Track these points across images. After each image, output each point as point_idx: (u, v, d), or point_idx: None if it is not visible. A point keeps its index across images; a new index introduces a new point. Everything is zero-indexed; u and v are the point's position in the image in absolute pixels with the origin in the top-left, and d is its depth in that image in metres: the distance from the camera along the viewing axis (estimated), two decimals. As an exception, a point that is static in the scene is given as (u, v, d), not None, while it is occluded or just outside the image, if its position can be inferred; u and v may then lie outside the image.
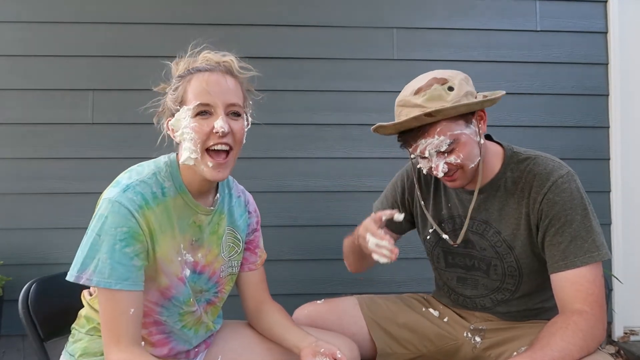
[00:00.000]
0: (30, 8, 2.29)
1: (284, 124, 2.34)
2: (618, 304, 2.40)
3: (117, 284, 0.92)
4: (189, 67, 1.03)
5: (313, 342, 1.07)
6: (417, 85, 1.12)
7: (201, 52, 1.06)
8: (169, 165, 1.05)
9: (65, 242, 2.22)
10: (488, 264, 1.24)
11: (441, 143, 1.09)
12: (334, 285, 2.33)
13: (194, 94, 0.99)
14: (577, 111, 2.46)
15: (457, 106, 1.06)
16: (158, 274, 1.00)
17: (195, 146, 0.98)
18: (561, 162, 1.16)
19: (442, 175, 1.13)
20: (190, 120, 0.98)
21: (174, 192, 1.03)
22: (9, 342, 2.21)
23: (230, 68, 1.05)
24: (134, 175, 1.00)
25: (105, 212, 0.94)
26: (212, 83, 0.99)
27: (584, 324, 1.00)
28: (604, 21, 2.49)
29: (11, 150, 2.25)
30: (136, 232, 0.94)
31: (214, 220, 1.12)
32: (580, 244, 1.06)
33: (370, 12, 2.41)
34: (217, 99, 0.99)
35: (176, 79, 1.04)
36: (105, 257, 0.92)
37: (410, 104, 1.11)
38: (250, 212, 1.24)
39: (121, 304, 0.93)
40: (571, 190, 1.09)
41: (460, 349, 1.31)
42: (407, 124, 1.10)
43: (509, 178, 1.18)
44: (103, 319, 0.94)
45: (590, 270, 1.05)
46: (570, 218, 1.08)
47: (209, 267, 1.11)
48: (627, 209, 2.46)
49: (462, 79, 1.12)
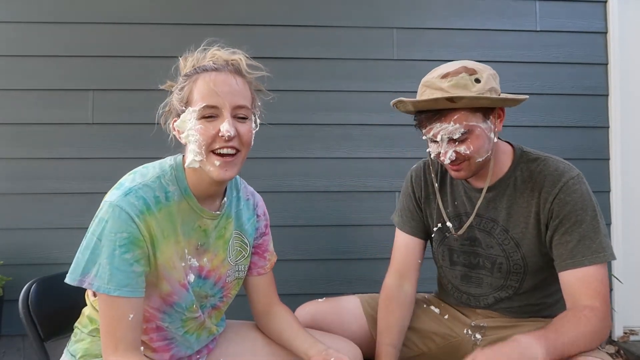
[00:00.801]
0: (30, 8, 2.29)
1: (284, 124, 2.34)
2: (618, 304, 2.40)
3: (115, 290, 0.90)
4: (196, 65, 1.00)
5: (323, 350, 1.05)
6: (446, 70, 1.12)
7: (211, 48, 1.03)
8: (175, 169, 1.02)
9: (65, 242, 2.21)
10: (493, 262, 1.25)
11: (455, 130, 1.10)
12: (334, 285, 2.33)
13: (200, 94, 0.95)
14: (577, 111, 2.46)
15: (478, 97, 1.07)
16: (160, 280, 0.99)
17: (199, 149, 0.95)
18: (571, 164, 1.17)
19: (449, 162, 1.14)
20: (195, 122, 0.95)
21: (178, 196, 1.00)
22: (9, 342, 2.21)
23: (239, 67, 1.01)
24: (137, 178, 0.98)
25: (106, 216, 0.92)
26: (219, 83, 0.96)
27: (595, 319, 1.02)
28: (603, 21, 2.49)
29: (11, 150, 2.25)
30: (136, 238, 0.92)
31: (220, 224, 1.08)
32: (588, 244, 1.08)
33: (370, 12, 2.41)
34: (224, 100, 0.95)
35: (182, 78, 1.00)
36: (105, 263, 0.90)
37: (435, 86, 1.11)
38: (259, 215, 1.20)
39: (120, 310, 0.91)
40: (582, 192, 1.12)
41: (460, 346, 1.31)
42: (427, 104, 1.10)
43: (518, 177, 1.20)
44: (102, 323, 0.94)
45: (598, 270, 1.07)
46: (581, 218, 1.10)
47: (214, 272, 1.09)
48: (627, 209, 2.46)
49: (491, 74, 1.14)
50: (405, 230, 1.38)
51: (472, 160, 1.13)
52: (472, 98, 1.06)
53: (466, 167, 1.15)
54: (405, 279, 1.34)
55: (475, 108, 1.10)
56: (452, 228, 1.27)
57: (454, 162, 1.15)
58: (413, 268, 1.36)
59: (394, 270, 1.37)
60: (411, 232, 1.37)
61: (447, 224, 1.27)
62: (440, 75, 1.12)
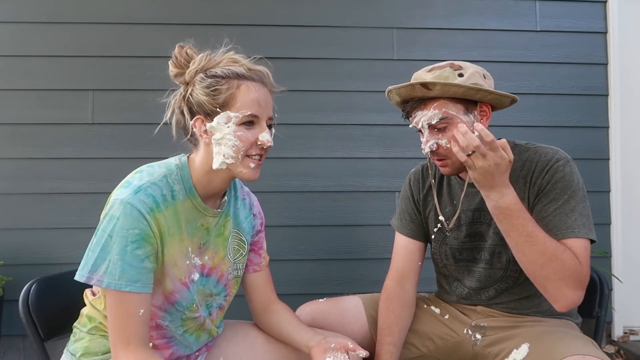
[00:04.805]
0: (30, 8, 2.29)
1: (284, 124, 2.33)
2: (618, 303, 2.40)
3: (127, 285, 0.91)
4: (233, 69, 1.02)
5: (322, 340, 1.07)
6: (435, 65, 1.19)
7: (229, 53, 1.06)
8: (180, 168, 1.04)
9: (65, 242, 2.22)
10: (492, 252, 1.25)
11: (434, 116, 1.15)
12: (333, 285, 2.33)
13: (245, 102, 0.99)
14: (576, 111, 2.46)
15: (449, 83, 1.11)
16: (164, 278, 1.00)
17: (236, 153, 0.99)
18: (562, 151, 1.19)
19: (429, 151, 1.18)
20: (235, 128, 0.99)
21: (183, 195, 1.02)
22: (9, 342, 2.21)
23: (271, 83, 1.08)
24: (145, 177, 0.99)
25: (117, 213, 0.93)
26: (262, 95, 1.02)
27: (575, 262, 1.04)
28: (603, 21, 2.50)
29: (11, 150, 2.25)
30: (147, 235, 0.94)
31: (220, 222, 1.12)
32: (564, 219, 1.10)
33: (370, 12, 2.42)
34: (264, 112, 1.02)
35: (214, 78, 1.01)
36: (116, 259, 0.91)
37: (419, 77, 1.18)
38: (255, 215, 1.24)
39: (131, 306, 0.92)
40: (565, 173, 1.13)
41: (460, 346, 1.31)
42: (405, 90, 1.17)
43: (510, 169, 1.20)
44: (112, 320, 0.94)
45: (574, 243, 1.08)
46: (557, 196, 1.12)
47: (216, 269, 1.11)
48: (626, 209, 2.47)
49: (478, 71, 1.17)
50: (404, 233, 1.39)
51: (454, 155, 1.12)
52: (445, 84, 1.10)
53: (450, 163, 1.19)
54: (405, 281, 1.35)
55: (456, 99, 1.14)
56: (446, 222, 1.29)
57: (437, 156, 1.19)
58: (413, 271, 1.36)
59: (394, 273, 1.37)
60: (411, 234, 1.38)
61: (440, 218, 1.29)
62: (427, 69, 1.19)
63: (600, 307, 1.30)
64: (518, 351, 1.11)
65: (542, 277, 1.06)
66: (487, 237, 1.26)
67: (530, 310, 1.26)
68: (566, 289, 1.05)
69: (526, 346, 1.11)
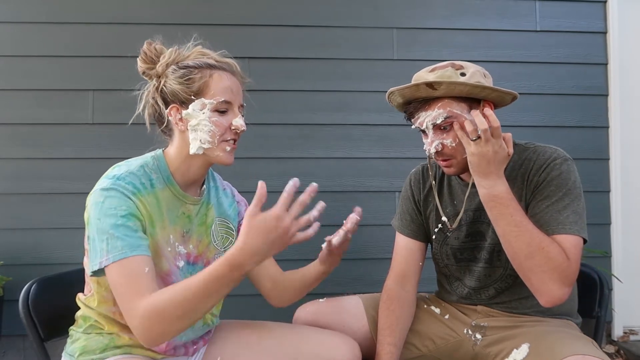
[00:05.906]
0: (30, 8, 2.29)
1: (284, 124, 2.35)
2: (618, 303, 2.40)
3: (132, 251, 0.93)
4: (203, 60, 1.07)
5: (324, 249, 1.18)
6: (436, 65, 1.18)
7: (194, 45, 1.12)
8: (156, 159, 1.08)
9: (65, 242, 2.21)
10: (491, 251, 1.25)
11: (438, 115, 1.15)
12: (333, 285, 2.32)
13: (219, 89, 1.04)
14: (576, 111, 2.46)
15: (455, 82, 1.10)
16: (159, 258, 1.02)
17: (212, 138, 1.03)
18: (561, 150, 1.19)
19: (434, 152, 1.18)
20: (210, 114, 1.03)
21: (161, 183, 1.06)
22: (9, 342, 2.21)
23: (240, 73, 1.13)
24: (123, 168, 1.03)
25: (101, 198, 0.96)
26: (234, 83, 1.08)
27: (562, 257, 1.04)
28: (603, 21, 2.50)
29: (11, 150, 2.25)
30: (135, 211, 0.97)
31: (201, 211, 1.15)
32: (555, 216, 1.10)
33: (370, 12, 2.41)
34: (236, 98, 1.08)
35: (187, 69, 1.06)
36: (112, 233, 0.93)
37: (421, 78, 1.17)
38: (239, 202, 1.29)
39: (137, 267, 0.93)
40: (561, 171, 1.13)
41: (460, 346, 1.31)
42: (410, 90, 1.16)
43: (509, 167, 1.21)
44: (121, 290, 0.93)
45: (565, 239, 1.07)
46: (552, 193, 1.12)
47: (201, 257, 1.14)
48: (626, 209, 2.47)
49: (479, 70, 1.17)
50: (405, 233, 1.39)
51: (459, 155, 1.17)
52: (450, 83, 1.10)
53: (455, 163, 1.19)
54: (406, 282, 1.35)
55: (460, 98, 1.14)
56: (449, 222, 1.29)
57: (442, 156, 1.19)
58: (414, 271, 1.37)
59: (395, 274, 1.37)
60: (411, 235, 1.38)
61: (443, 218, 1.29)
62: (428, 70, 1.19)
63: (600, 307, 1.31)
64: (518, 351, 1.11)
65: (527, 269, 1.07)
66: (487, 236, 1.26)
67: (531, 310, 1.26)
68: (551, 283, 1.05)
69: (526, 346, 1.11)
